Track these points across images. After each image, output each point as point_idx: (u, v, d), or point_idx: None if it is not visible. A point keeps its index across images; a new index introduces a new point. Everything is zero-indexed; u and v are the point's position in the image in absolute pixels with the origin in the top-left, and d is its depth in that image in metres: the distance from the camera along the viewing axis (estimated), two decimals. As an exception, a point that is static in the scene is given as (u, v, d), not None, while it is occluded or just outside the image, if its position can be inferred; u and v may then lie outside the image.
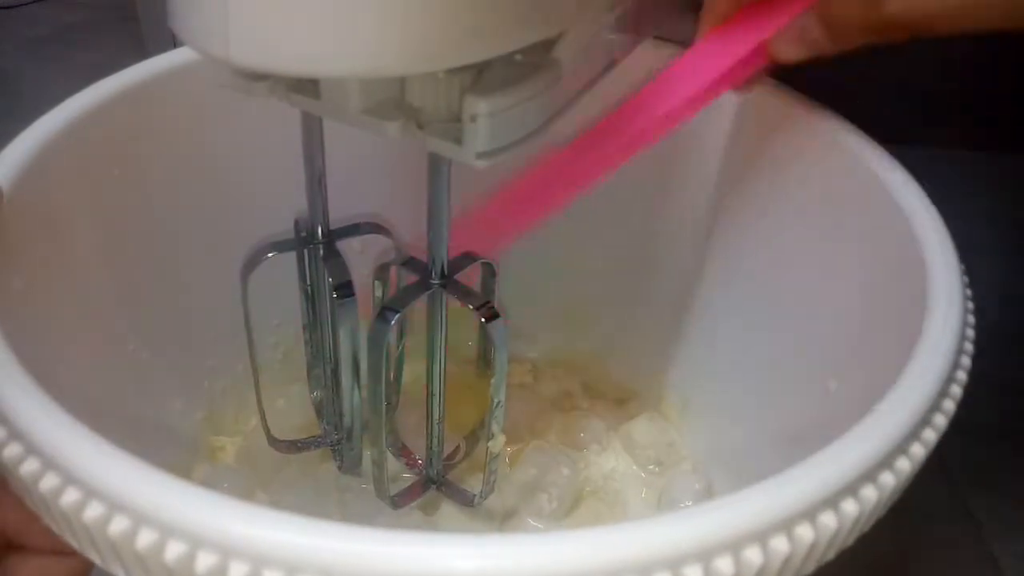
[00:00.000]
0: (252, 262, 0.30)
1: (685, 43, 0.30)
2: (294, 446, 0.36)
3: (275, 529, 0.16)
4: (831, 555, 0.19)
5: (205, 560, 0.16)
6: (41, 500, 0.18)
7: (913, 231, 0.26)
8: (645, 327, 0.39)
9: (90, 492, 0.17)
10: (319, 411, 0.37)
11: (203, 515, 0.16)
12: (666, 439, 0.39)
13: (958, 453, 0.47)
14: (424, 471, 0.35)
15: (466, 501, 0.34)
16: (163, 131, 0.31)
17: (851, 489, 0.19)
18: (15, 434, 0.19)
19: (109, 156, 0.29)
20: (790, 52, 0.28)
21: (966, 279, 0.25)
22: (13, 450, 0.19)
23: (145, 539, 0.17)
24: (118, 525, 0.17)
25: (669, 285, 0.38)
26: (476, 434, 0.36)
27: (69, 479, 0.18)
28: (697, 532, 0.17)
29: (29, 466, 0.18)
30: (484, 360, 0.36)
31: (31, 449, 0.18)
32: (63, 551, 0.21)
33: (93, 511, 0.17)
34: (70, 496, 0.18)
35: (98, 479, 0.17)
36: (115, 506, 0.17)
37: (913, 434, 0.20)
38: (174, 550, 0.16)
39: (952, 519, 0.44)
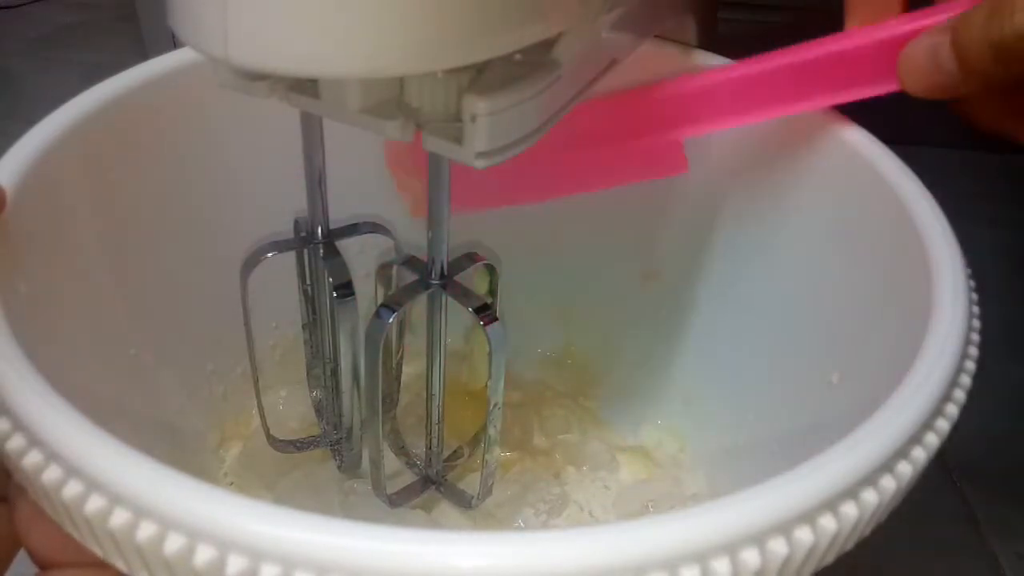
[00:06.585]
0: (252, 262, 0.30)
1: (687, 43, 0.30)
2: (293, 446, 0.36)
3: (306, 531, 0.16)
4: (846, 549, 0.19)
5: (235, 564, 0.16)
6: (63, 508, 0.18)
7: (917, 230, 0.26)
8: (646, 325, 0.39)
9: (115, 498, 0.17)
10: (319, 411, 0.37)
11: (232, 519, 0.16)
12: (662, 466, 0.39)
13: (958, 453, 0.47)
14: (423, 471, 0.35)
15: (464, 503, 0.34)
16: (164, 132, 0.31)
17: (856, 488, 0.18)
18: (35, 441, 0.18)
19: (111, 158, 0.29)
20: (917, 83, 0.24)
21: (972, 280, 0.24)
22: (33, 458, 0.18)
23: (173, 544, 0.16)
24: (145, 531, 0.17)
25: (671, 283, 0.38)
26: (476, 436, 0.36)
27: (93, 486, 0.17)
28: (698, 532, 0.17)
29: (51, 474, 0.18)
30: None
31: (52, 456, 0.18)
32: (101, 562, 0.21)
33: (119, 518, 0.17)
34: (94, 503, 0.17)
35: (123, 485, 0.17)
36: (141, 512, 0.17)
37: (918, 434, 0.20)
38: (203, 555, 0.16)
39: (952, 519, 0.44)
